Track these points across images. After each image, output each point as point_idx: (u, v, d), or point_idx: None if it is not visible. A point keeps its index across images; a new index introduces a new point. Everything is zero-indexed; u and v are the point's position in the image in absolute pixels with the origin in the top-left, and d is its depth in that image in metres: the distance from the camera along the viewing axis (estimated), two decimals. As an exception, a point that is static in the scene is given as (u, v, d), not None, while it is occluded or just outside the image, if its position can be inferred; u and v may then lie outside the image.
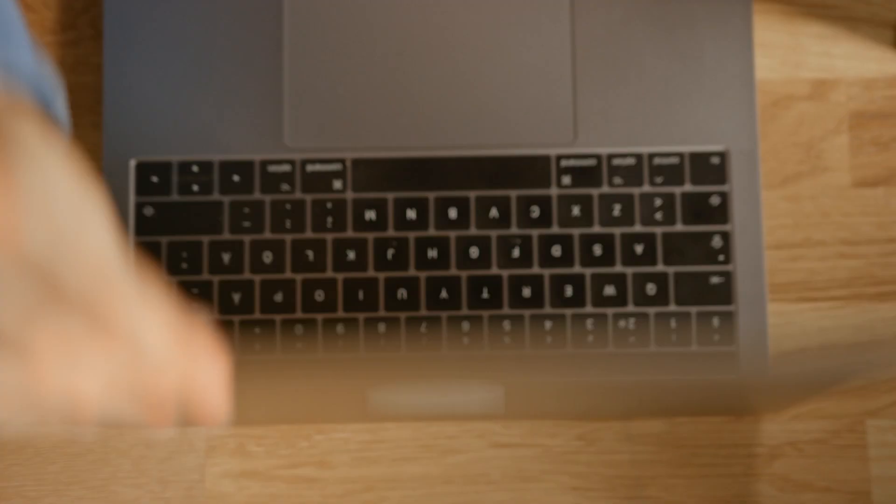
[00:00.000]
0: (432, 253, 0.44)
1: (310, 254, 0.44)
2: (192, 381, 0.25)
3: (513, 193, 0.44)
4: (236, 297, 0.44)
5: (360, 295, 0.44)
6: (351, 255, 0.44)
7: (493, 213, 0.44)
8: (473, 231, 0.44)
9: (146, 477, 0.44)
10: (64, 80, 0.45)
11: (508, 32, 0.45)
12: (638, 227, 0.44)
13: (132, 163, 0.44)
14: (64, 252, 0.21)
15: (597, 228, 0.44)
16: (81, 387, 0.22)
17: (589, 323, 0.44)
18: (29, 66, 0.30)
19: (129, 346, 0.23)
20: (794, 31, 0.46)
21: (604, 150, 0.44)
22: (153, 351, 0.24)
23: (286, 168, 0.44)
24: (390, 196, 0.44)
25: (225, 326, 0.44)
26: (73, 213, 0.22)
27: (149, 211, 0.44)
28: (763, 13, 0.46)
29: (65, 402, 0.22)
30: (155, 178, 0.44)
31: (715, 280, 0.44)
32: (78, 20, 0.46)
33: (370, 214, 0.44)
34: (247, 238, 0.44)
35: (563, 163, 0.44)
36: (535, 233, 0.44)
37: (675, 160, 0.44)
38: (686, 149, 0.44)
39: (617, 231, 0.44)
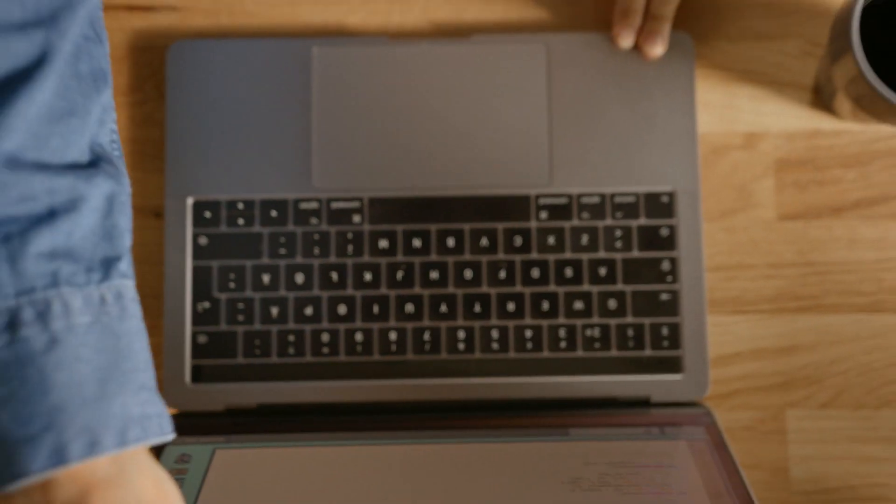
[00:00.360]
0: (434, 274, 0.54)
1: (334, 275, 0.54)
2: None
3: (500, 226, 0.54)
4: (274, 311, 0.53)
5: (375, 309, 0.53)
6: (367, 276, 0.54)
7: (484, 241, 0.54)
8: (467, 256, 0.54)
9: None
10: (133, 134, 0.55)
11: (497, 97, 0.55)
12: (602, 254, 0.54)
13: (189, 201, 0.54)
14: None
15: (568, 254, 0.54)
16: None
17: (562, 332, 0.53)
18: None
19: None
20: (730, 93, 0.56)
21: (574, 191, 0.54)
22: None
23: (314, 205, 0.54)
24: (399, 228, 0.54)
25: (265, 334, 0.53)
26: None
27: (203, 240, 0.54)
28: (704, 77, 0.56)
29: None
30: (208, 214, 0.54)
31: (664, 297, 0.53)
32: (145, 84, 0.56)
33: (383, 243, 0.54)
34: (282, 262, 0.54)
35: (541, 201, 0.54)
36: (517, 258, 0.54)
37: (632, 199, 0.54)
38: (641, 189, 0.54)
39: (585, 257, 0.54)
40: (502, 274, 0.54)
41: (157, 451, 0.48)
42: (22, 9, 0.34)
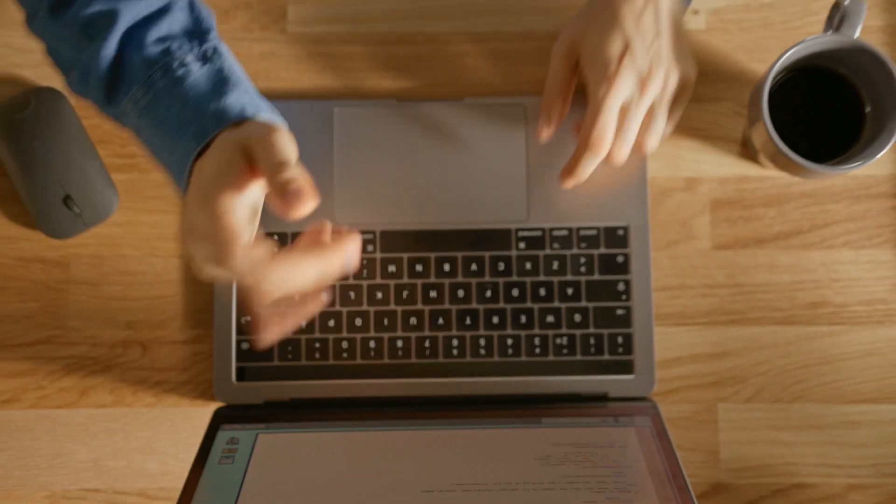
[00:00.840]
0: (433, 293, 0.66)
1: (352, 294, 0.66)
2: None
3: (486, 254, 0.66)
4: (303, 323, 0.65)
5: (385, 321, 0.65)
6: (379, 294, 0.66)
7: (473, 267, 0.66)
8: (460, 279, 0.66)
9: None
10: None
11: (484, 147, 0.67)
12: (569, 277, 0.66)
13: (234, 233, 0.66)
14: None
15: (542, 277, 0.66)
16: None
17: (536, 340, 0.65)
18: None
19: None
20: (674, 145, 0.68)
21: (547, 225, 0.66)
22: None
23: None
24: (405, 255, 0.66)
25: (296, 342, 0.65)
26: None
27: (245, 265, 0.66)
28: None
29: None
30: (249, 243, 0.66)
31: (619, 312, 0.66)
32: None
33: (392, 267, 0.66)
34: (309, 283, 0.66)
35: (520, 233, 0.66)
36: (500, 280, 0.66)
37: (594, 232, 0.66)
38: (601, 224, 0.66)
39: (555, 279, 0.66)
40: (488, 293, 0.66)
41: (212, 435, 0.60)
42: None
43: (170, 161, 0.53)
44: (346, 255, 0.48)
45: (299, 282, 0.47)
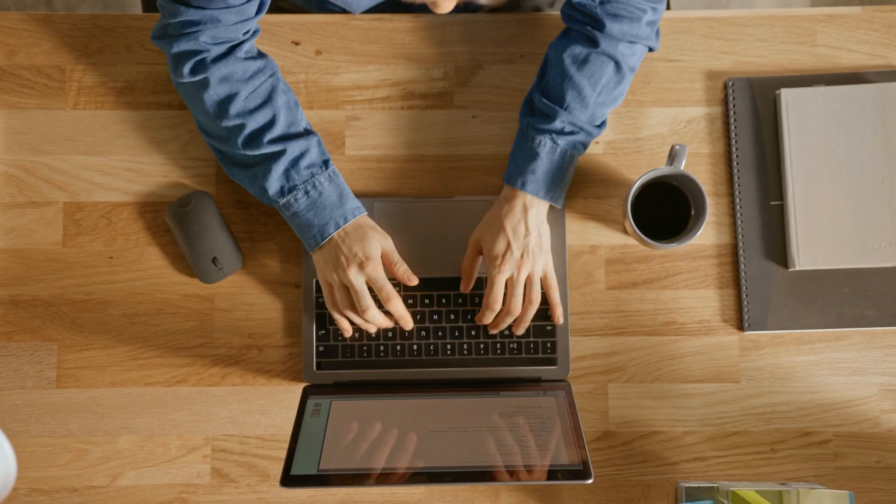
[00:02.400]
0: (435, 317, 1.06)
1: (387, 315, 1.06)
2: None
3: (469, 292, 1.06)
4: (356, 334, 1.05)
5: (406, 334, 1.05)
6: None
7: (460, 300, 1.06)
8: (452, 307, 1.06)
9: (319, 407, 1.06)
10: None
11: (465, 223, 1.07)
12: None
13: (315, 280, 1.06)
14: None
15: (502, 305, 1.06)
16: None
17: (498, 345, 1.05)
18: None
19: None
20: (583, 225, 1.08)
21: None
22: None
23: (376, 282, 1.06)
24: (418, 293, 1.06)
25: (352, 346, 1.05)
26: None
27: (320, 299, 1.06)
28: (571, 219, 1.08)
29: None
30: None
31: (549, 328, 1.06)
32: (292, 221, 1.09)
33: (410, 301, 1.06)
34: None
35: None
36: (476, 308, 1.06)
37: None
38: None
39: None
40: (469, 316, 1.06)
41: (304, 401, 1.00)
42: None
43: (307, 237, 1.00)
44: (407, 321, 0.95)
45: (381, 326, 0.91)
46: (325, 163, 1.01)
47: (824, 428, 1.05)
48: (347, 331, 1.03)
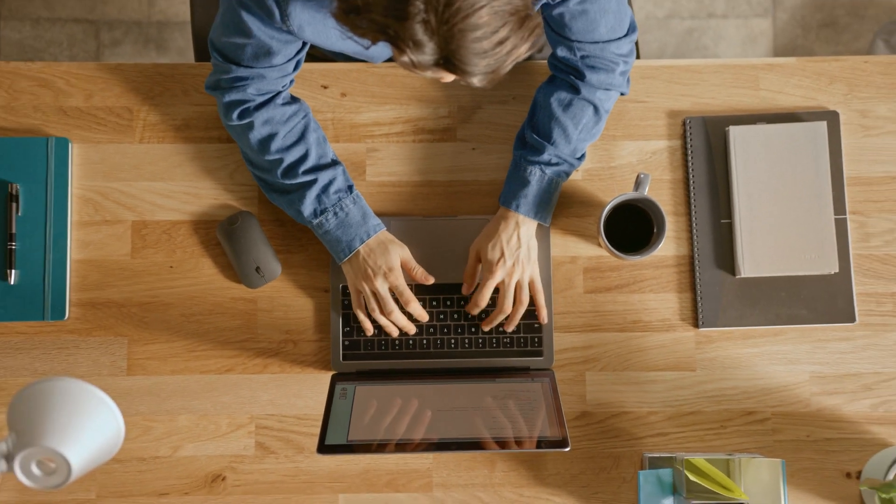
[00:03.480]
0: (442, 316, 1.24)
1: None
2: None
3: (468, 296, 1.25)
4: (375, 331, 1.24)
5: (419, 330, 1.24)
6: (413, 318, 1.25)
7: (463, 302, 1.25)
8: (457, 308, 1.25)
9: (345, 391, 1.25)
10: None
11: (467, 235, 1.26)
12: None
13: (340, 285, 1.25)
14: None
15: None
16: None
17: (494, 340, 1.24)
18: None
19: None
20: (565, 238, 1.26)
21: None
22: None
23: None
24: (427, 297, 1.25)
25: (372, 341, 1.24)
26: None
27: (346, 301, 1.25)
28: (554, 232, 1.26)
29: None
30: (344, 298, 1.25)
31: (536, 325, 1.24)
32: (322, 237, 1.28)
33: (421, 302, 1.25)
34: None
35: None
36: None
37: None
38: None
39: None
40: (470, 316, 1.25)
41: (333, 386, 1.19)
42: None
43: (336, 251, 1.19)
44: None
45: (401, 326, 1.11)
46: (350, 188, 1.20)
47: (764, 408, 1.23)
48: (369, 330, 1.22)
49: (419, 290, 1.25)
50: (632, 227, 1.23)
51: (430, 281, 1.22)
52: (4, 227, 1.23)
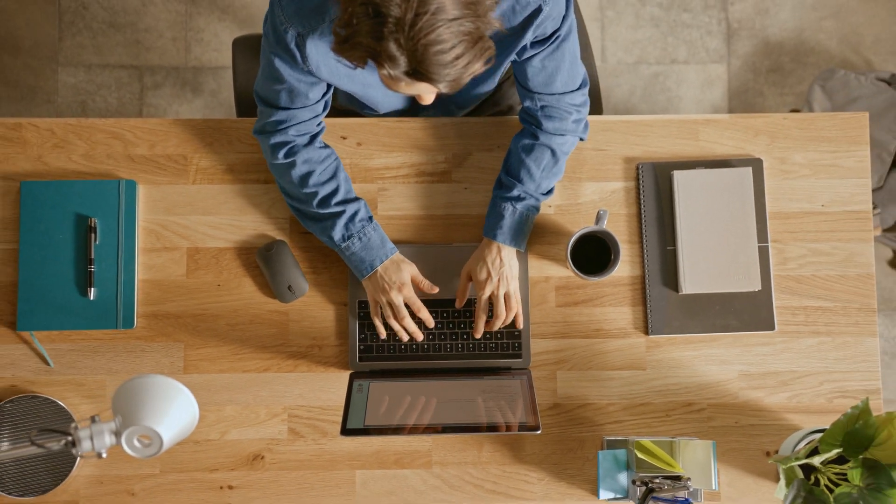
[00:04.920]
0: (440, 324, 1.48)
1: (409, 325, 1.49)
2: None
3: (463, 309, 1.49)
4: (389, 336, 1.48)
5: (422, 336, 1.48)
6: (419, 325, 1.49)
7: (456, 314, 1.49)
8: (452, 319, 1.49)
9: (361, 386, 1.49)
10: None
11: (460, 259, 1.50)
12: (499, 325, 1.49)
13: (357, 300, 1.49)
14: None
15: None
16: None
17: (482, 344, 1.48)
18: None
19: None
20: (540, 262, 1.51)
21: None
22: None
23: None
24: (429, 309, 1.49)
25: (383, 345, 1.48)
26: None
27: (361, 314, 1.49)
28: (531, 257, 1.50)
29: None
30: (363, 305, 1.49)
31: (516, 333, 1.48)
32: (342, 261, 1.52)
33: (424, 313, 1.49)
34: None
35: (475, 301, 1.49)
36: (468, 320, 1.49)
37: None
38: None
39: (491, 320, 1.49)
40: (462, 325, 1.49)
41: (351, 383, 1.43)
42: None
43: (359, 270, 1.44)
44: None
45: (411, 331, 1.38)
46: (370, 218, 1.44)
47: (701, 400, 1.48)
48: (382, 334, 1.46)
49: (426, 302, 1.48)
50: (593, 253, 1.47)
51: (435, 290, 1.46)
52: (85, 253, 1.47)
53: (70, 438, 1.02)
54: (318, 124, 1.44)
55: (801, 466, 1.32)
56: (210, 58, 2.31)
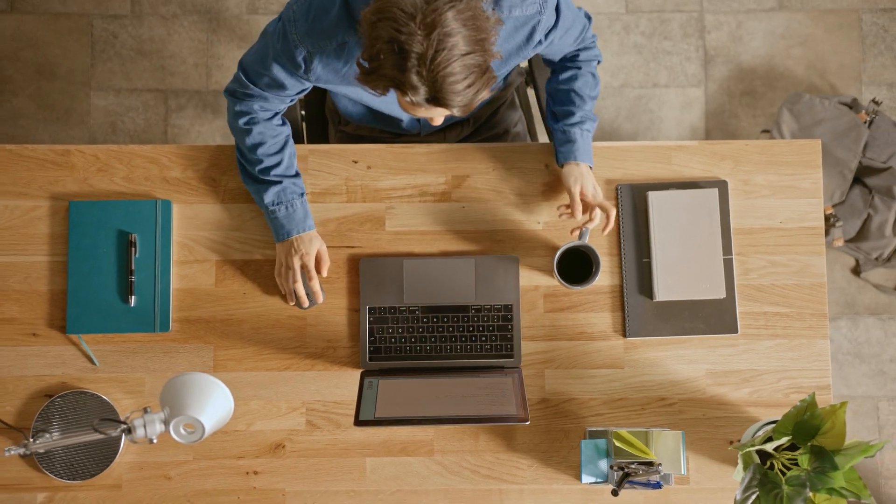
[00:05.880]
0: (440, 328, 1.64)
1: (413, 330, 1.64)
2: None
3: (459, 314, 1.64)
4: (392, 340, 1.63)
5: (423, 338, 1.63)
6: (420, 328, 1.64)
7: (455, 318, 1.64)
8: (449, 323, 1.64)
9: (370, 383, 1.64)
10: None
11: (459, 273, 1.65)
12: (491, 322, 1.64)
13: (367, 306, 1.64)
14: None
15: (480, 322, 1.64)
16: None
17: (478, 345, 1.63)
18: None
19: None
20: (531, 273, 1.66)
21: (483, 303, 1.64)
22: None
23: (405, 311, 1.64)
24: (429, 315, 1.64)
25: (391, 347, 1.63)
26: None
27: (371, 319, 1.64)
28: (523, 268, 1.66)
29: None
30: (374, 311, 1.64)
31: (508, 336, 1.64)
32: (353, 271, 1.67)
33: (425, 319, 1.64)
34: (393, 326, 1.64)
35: (472, 306, 1.64)
36: (464, 324, 1.64)
37: (500, 307, 1.64)
38: (501, 303, 1.64)
39: (485, 323, 1.64)
40: (460, 328, 1.64)
41: (363, 380, 1.58)
42: None
43: (278, 233, 1.59)
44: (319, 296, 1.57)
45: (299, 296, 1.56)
46: (302, 194, 1.61)
47: (673, 395, 1.63)
48: (282, 291, 1.64)
49: (429, 308, 1.64)
50: (577, 264, 1.62)
51: (321, 279, 1.65)
52: (126, 264, 1.63)
53: (126, 426, 1.17)
54: (282, 108, 1.59)
55: (758, 453, 1.47)
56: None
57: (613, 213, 1.56)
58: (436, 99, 1.25)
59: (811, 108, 2.29)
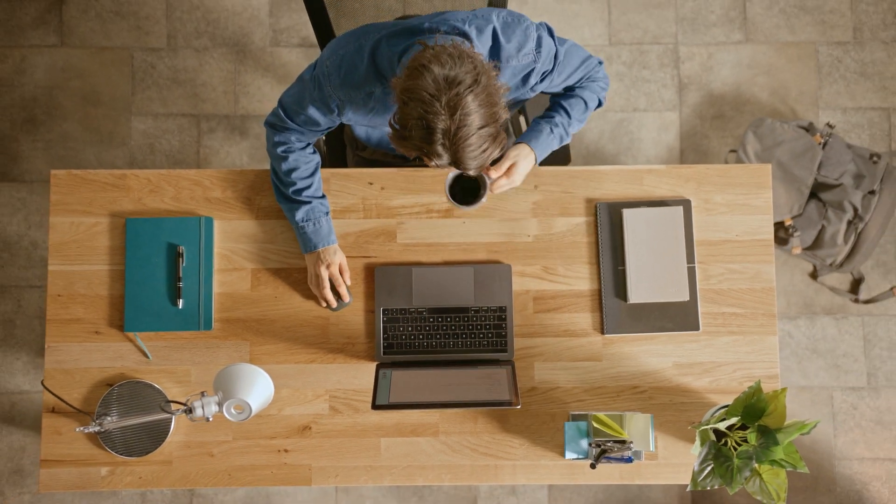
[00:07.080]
0: (444, 327, 1.85)
1: (421, 329, 1.85)
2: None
3: (460, 314, 1.86)
4: (402, 337, 1.84)
5: (430, 335, 1.85)
6: (426, 328, 1.85)
7: (456, 318, 1.85)
8: (451, 323, 1.85)
9: (384, 374, 1.85)
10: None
11: (461, 281, 1.86)
12: (488, 322, 1.85)
13: (381, 308, 1.85)
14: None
15: (478, 322, 1.85)
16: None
17: (476, 341, 1.85)
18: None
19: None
20: (522, 278, 1.87)
21: (482, 305, 1.86)
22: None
23: (414, 312, 1.86)
24: (435, 315, 1.85)
25: (401, 342, 1.84)
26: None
27: (385, 319, 1.85)
28: (515, 275, 1.87)
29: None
30: (388, 312, 1.85)
31: (502, 333, 1.85)
32: (370, 278, 1.89)
33: (430, 319, 1.85)
34: (404, 326, 1.85)
35: (472, 308, 1.86)
36: (464, 323, 1.85)
37: (496, 308, 1.86)
38: (497, 305, 1.86)
39: (482, 323, 1.85)
40: (461, 326, 1.85)
41: (378, 371, 1.79)
42: None
43: (305, 245, 1.81)
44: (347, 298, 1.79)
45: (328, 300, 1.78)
46: (327, 213, 1.82)
47: (644, 384, 1.84)
48: (320, 295, 1.84)
49: (435, 310, 1.85)
50: (469, 191, 1.83)
51: (348, 282, 1.85)
52: (175, 272, 1.84)
53: (188, 406, 1.39)
54: (315, 138, 1.80)
55: (714, 432, 1.69)
56: (255, 107, 2.69)
57: (502, 182, 1.72)
58: (455, 163, 1.47)
59: (773, 131, 2.51)
